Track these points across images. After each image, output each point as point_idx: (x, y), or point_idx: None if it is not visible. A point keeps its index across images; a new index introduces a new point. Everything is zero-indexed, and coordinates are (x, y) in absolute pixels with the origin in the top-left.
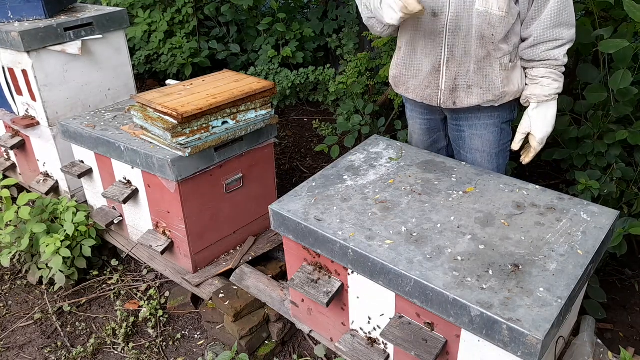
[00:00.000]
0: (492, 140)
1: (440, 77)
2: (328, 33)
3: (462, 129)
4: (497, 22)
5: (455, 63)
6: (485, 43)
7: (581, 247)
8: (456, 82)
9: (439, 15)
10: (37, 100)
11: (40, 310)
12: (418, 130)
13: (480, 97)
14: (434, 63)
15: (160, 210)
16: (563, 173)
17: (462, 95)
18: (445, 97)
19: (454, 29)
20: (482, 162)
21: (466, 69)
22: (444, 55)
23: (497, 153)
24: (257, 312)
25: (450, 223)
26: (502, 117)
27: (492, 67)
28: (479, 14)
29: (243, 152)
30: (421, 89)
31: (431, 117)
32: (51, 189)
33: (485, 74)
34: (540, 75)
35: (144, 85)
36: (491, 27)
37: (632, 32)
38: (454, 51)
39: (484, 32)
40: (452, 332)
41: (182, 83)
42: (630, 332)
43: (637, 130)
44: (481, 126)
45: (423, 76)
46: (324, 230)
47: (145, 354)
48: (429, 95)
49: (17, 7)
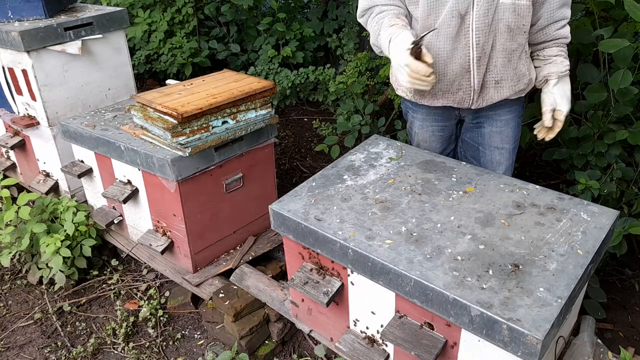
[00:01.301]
0: (510, 135)
1: (471, 77)
2: (328, 33)
3: (483, 126)
4: (525, 11)
5: (485, 60)
6: (514, 35)
7: (581, 247)
8: (486, 78)
9: (465, 15)
10: (37, 100)
11: (40, 310)
12: (430, 137)
13: (511, 89)
14: (462, 64)
15: (160, 210)
16: (563, 173)
17: (492, 92)
18: (474, 97)
19: (482, 26)
20: (500, 159)
21: (494, 64)
22: (473, 55)
23: (513, 149)
24: (257, 312)
25: (450, 223)
26: (518, 111)
27: (520, 57)
28: (505, 7)
29: (243, 152)
30: (452, 92)
31: (446, 123)
32: (51, 188)
33: (514, 66)
34: (554, 54)
35: (144, 85)
36: (520, 18)
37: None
38: (485, 48)
39: (514, 24)
40: (452, 332)
41: (182, 83)
42: (630, 332)
43: (637, 130)
44: (501, 122)
45: (452, 79)
46: (324, 230)
47: (145, 353)
48: (460, 98)
49: (17, 7)
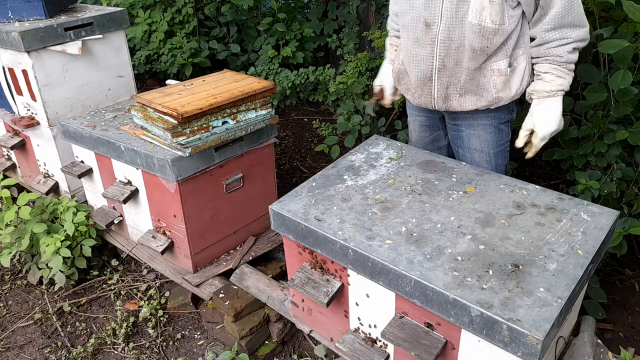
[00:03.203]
0: (489, 140)
1: (432, 85)
2: (328, 33)
3: (460, 129)
4: (490, 34)
5: (446, 73)
6: (476, 55)
7: (581, 247)
8: (448, 91)
9: (431, 25)
10: (37, 100)
11: (40, 310)
12: (418, 128)
13: (473, 103)
14: (425, 72)
15: (160, 210)
16: (563, 173)
17: (455, 103)
18: (439, 104)
19: (446, 40)
20: (480, 162)
21: (457, 78)
22: (435, 65)
23: (496, 153)
24: (257, 312)
25: (450, 223)
26: (499, 118)
27: (485, 76)
28: (472, 26)
29: (243, 152)
30: (417, 94)
31: (429, 115)
32: (51, 189)
33: (477, 82)
34: (543, 70)
35: (144, 85)
36: (485, 40)
37: (632, 32)
38: (446, 61)
39: (477, 45)
40: (452, 332)
41: (182, 83)
42: (630, 332)
43: (637, 130)
44: (479, 126)
45: (416, 84)
46: (324, 230)
47: (145, 354)
48: (423, 102)
49: (17, 7)
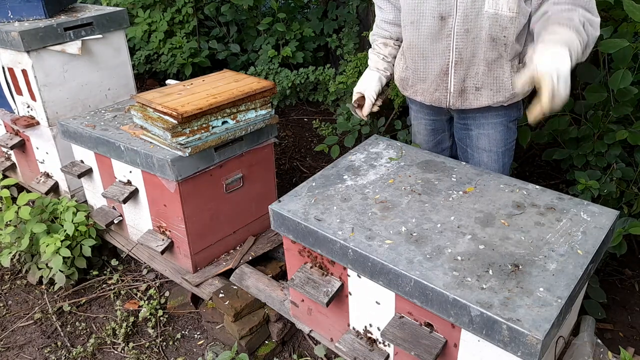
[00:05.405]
0: (498, 139)
1: (449, 80)
2: (328, 33)
3: (470, 128)
4: (507, 23)
5: (463, 66)
6: (496, 45)
7: (581, 247)
8: (464, 85)
9: (447, 18)
10: (37, 100)
11: (40, 310)
12: (423, 130)
13: (490, 98)
14: (442, 66)
15: (160, 210)
16: (563, 173)
17: (471, 97)
18: (454, 99)
19: (462, 32)
20: (488, 161)
21: (475, 71)
22: (452, 58)
23: (504, 152)
24: (257, 312)
25: (450, 223)
26: (509, 116)
27: (503, 68)
28: (489, 16)
29: (243, 152)
30: (429, 92)
31: (436, 117)
32: (51, 188)
33: (495, 75)
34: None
35: (144, 85)
36: (502, 29)
37: (632, 32)
38: (463, 54)
39: (495, 34)
40: (452, 332)
41: (182, 83)
42: (630, 332)
43: (637, 130)
44: (489, 125)
45: (431, 79)
46: (323, 230)
47: (145, 353)
48: (437, 98)
49: (17, 7)
